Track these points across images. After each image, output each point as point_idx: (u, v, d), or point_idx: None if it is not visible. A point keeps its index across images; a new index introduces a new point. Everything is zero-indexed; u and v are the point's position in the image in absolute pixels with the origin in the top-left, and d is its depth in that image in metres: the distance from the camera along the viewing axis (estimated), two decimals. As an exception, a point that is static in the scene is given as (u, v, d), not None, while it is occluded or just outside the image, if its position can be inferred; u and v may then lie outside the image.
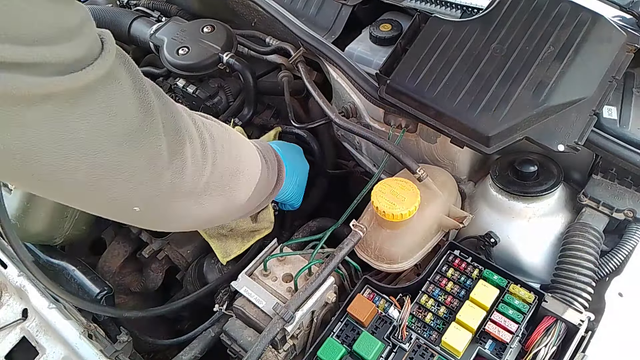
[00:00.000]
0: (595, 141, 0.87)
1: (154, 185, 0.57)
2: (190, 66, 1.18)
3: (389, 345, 0.80)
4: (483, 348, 0.78)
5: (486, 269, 0.86)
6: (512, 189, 0.93)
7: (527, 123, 0.84)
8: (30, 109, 0.44)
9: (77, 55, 0.46)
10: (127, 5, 1.52)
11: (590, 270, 0.84)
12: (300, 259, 0.96)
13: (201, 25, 1.24)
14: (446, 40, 0.93)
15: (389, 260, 0.91)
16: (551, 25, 0.90)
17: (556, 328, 0.78)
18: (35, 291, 0.98)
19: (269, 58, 1.25)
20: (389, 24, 1.14)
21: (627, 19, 1.02)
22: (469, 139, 0.87)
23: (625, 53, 0.89)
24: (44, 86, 0.43)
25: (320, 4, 1.23)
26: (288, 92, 1.20)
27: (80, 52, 0.46)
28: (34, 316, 0.98)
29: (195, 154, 0.61)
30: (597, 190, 0.92)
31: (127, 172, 0.53)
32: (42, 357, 0.93)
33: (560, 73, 0.86)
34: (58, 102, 0.45)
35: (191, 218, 0.68)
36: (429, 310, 0.83)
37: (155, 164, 0.56)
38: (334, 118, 1.04)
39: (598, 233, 0.87)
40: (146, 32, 1.31)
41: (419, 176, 0.92)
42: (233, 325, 0.91)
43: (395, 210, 0.85)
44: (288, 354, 0.88)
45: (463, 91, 0.88)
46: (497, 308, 0.80)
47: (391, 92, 0.94)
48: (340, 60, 1.06)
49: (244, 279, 0.91)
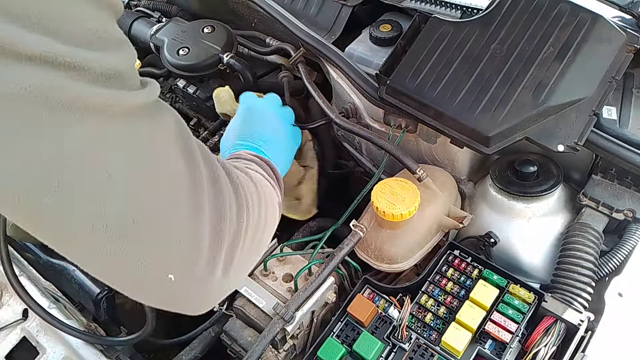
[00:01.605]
0: (595, 141, 0.87)
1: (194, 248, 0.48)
2: (191, 67, 1.18)
3: (389, 345, 0.80)
4: (483, 348, 0.78)
5: (486, 269, 0.86)
6: (512, 189, 0.93)
7: (527, 123, 0.85)
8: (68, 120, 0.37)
9: (118, 68, 0.41)
10: (128, 6, 1.52)
11: (590, 270, 0.84)
12: (300, 259, 0.96)
13: (201, 26, 1.24)
14: (446, 41, 0.93)
15: (389, 260, 0.91)
16: (551, 25, 0.90)
17: (556, 328, 0.78)
18: (36, 291, 0.98)
19: (269, 58, 1.25)
20: (389, 24, 1.14)
21: (627, 19, 1.02)
22: (468, 139, 0.87)
23: (625, 53, 0.89)
24: (82, 91, 0.38)
25: (320, 4, 1.23)
26: (288, 93, 1.20)
27: (122, 67, 0.41)
28: (34, 316, 0.98)
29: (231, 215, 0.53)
30: (596, 191, 0.92)
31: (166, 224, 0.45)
32: (42, 357, 0.93)
33: (560, 73, 0.86)
34: (97, 115, 0.39)
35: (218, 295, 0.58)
36: (429, 310, 0.83)
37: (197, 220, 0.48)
38: (334, 118, 1.04)
39: (598, 233, 0.88)
40: (146, 33, 1.31)
41: (419, 176, 0.92)
42: (233, 325, 0.91)
43: (395, 210, 0.85)
44: (288, 354, 0.88)
45: (463, 91, 0.88)
46: (496, 308, 0.80)
47: (391, 92, 0.94)
48: (340, 60, 1.06)
49: (244, 278, 0.91)
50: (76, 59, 0.37)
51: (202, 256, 0.49)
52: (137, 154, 0.43)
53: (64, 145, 0.38)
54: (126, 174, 0.42)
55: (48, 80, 0.36)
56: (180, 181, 0.46)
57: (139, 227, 0.43)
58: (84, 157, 0.39)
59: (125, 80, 0.42)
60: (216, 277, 0.51)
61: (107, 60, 0.40)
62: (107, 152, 0.40)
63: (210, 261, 0.50)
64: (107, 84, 0.40)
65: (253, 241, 0.59)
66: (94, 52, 0.39)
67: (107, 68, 0.39)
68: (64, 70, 0.37)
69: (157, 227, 0.45)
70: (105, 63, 0.39)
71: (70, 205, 0.39)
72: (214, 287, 0.53)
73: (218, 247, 0.51)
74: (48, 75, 0.36)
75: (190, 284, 0.50)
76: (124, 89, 0.41)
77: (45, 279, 1.03)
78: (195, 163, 0.48)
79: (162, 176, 0.45)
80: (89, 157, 0.39)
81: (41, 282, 1.02)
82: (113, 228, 0.41)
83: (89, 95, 0.38)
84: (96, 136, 0.39)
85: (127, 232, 0.42)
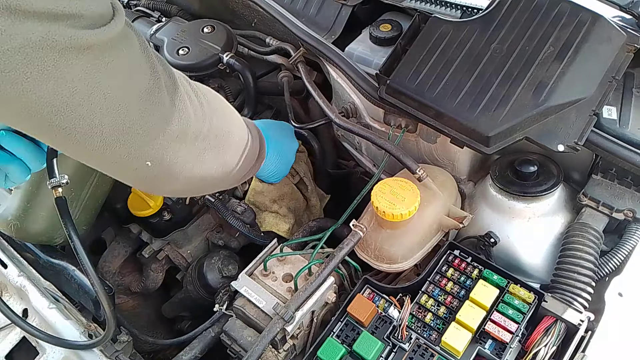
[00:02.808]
0: (595, 141, 0.87)
1: (165, 136, 0.60)
2: (191, 66, 1.18)
3: (389, 345, 0.80)
4: (483, 348, 0.78)
5: (486, 269, 0.86)
6: (512, 189, 0.93)
7: (527, 123, 0.84)
8: (67, 61, 0.46)
9: (102, 10, 0.48)
10: (128, 6, 1.52)
11: (590, 270, 0.84)
12: (300, 259, 0.96)
13: (201, 26, 1.24)
14: (446, 41, 0.93)
15: (389, 260, 0.91)
16: (551, 25, 0.90)
17: (556, 328, 0.78)
18: (36, 291, 0.98)
19: (269, 58, 1.25)
20: (389, 24, 1.14)
21: (627, 19, 1.02)
22: (469, 139, 0.87)
23: (625, 53, 0.89)
24: (80, 38, 0.45)
25: (320, 4, 1.23)
26: (288, 92, 1.20)
27: (104, 7, 0.49)
28: (34, 316, 0.98)
29: (194, 106, 0.65)
30: (596, 190, 0.92)
31: (145, 126, 0.57)
32: (42, 357, 0.93)
33: (560, 73, 0.86)
34: (92, 56, 0.48)
35: (191, 172, 0.70)
36: (429, 310, 0.83)
37: (164, 116, 0.59)
38: (334, 118, 1.04)
39: (598, 233, 0.87)
40: (146, 32, 1.31)
41: (419, 176, 0.92)
42: (233, 325, 0.91)
43: (395, 210, 0.85)
44: (288, 354, 0.88)
45: (463, 91, 0.88)
46: (497, 308, 0.80)
47: (391, 92, 0.94)
48: (340, 60, 1.06)
49: (244, 278, 0.91)
50: (72, 8, 0.45)
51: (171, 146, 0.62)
52: (122, 75, 0.52)
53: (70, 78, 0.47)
54: (115, 93, 0.52)
55: (52, 30, 0.44)
56: (152, 90, 0.56)
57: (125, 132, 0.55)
58: (86, 84, 0.49)
59: (106, 18, 0.49)
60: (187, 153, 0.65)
61: (93, 5, 0.47)
62: (101, 79, 0.50)
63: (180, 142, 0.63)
64: (94, 25, 0.48)
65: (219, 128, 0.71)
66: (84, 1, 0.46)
67: (94, 12, 0.48)
68: (63, 20, 0.44)
69: (138, 130, 0.56)
70: (92, 7, 0.47)
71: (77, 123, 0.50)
72: (187, 162, 0.67)
73: (185, 129, 0.63)
74: (52, 26, 0.43)
75: (166, 164, 0.63)
76: (105, 25, 0.49)
77: (45, 279, 1.03)
78: (157, 71, 0.58)
79: (138, 89, 0.55)
80: (90, 84, 0.49)
81: (41, 282, 1.02)
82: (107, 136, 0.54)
83: (84, 36, 0.46)
84: (92, 67, 0.49)
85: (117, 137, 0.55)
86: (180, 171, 0.67)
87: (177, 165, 0.66)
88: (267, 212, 1.16)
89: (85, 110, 0.50)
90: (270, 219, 1.16)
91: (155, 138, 0.60)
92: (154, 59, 0.58)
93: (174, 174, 0.67)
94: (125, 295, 1.23)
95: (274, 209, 1.16)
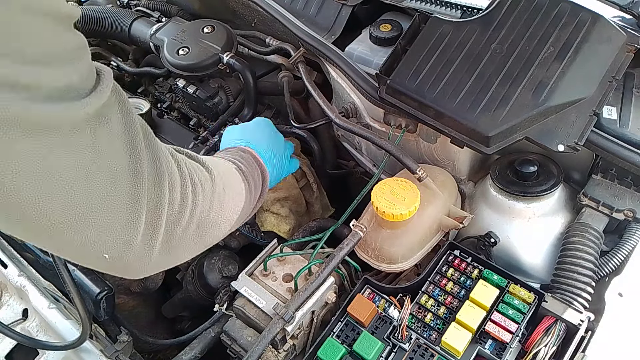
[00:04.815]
0: (595, 141, 0.87)
1: (128, 233, 0.53)
2: (191, 66, 1.18)
3: (389, 345, 0.80)
4: (483, 348, 0.78)
5: (486, 269, 0.86)
6: (512, 189, 0.93)
7: (527, 123, 0.84)
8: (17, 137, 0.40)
9: (71, 81, 0.44)
10: (128, 6, 1.52)
11: (590, 270, 0.84)
12: (300, 259, 0.96)
13: (201, 26, 1.24)
14: (446, 41, 0.93)
15: (389, 260, 0.91)
16: (551, 25, 0.90)
17: (556, 328, 0.78)
18: (36, 291, 0.98)
19: (269, 58, 1.25)
20: (389, 24, 1.14)
21: (627, 19, 1.02)
22: (469, 139, 0.87)
23: (625, 53, 0.89)
24: (36, 111, 0.40)
25: (320, 4, 1.23)
26: (288, 92, 1.20)
27: (75, 79, 0.44)
28: (34, 316, 0.98)
29: (173, 203, 0.58)
30: (597, 190, 0.92)
31: (103, 215, 0.50)
32: (42, 357, 0.93)
33: (560, 73, 0.86)
34: (48, 132, 0.42)
35: (158, 268, 0.63)
36: (429, 310, 0.83)
37: (133, 209, 0.53)
38: (334, 118, 1.04)
39: (598, 233, 0.87)
40: (146, 33, 1.31)
41: (419, 176, 0.92)
42: (233, 325, 0.91)
43: (395, 210, 0.85)
44: (288, 354, 0.88)
45: (463, 91, 0.88)
46: (497, 308, 0.80)
47: (391, 92, 0.94)
48: (340, 60, 1.06)
49: (244, 279, 0.91)
50: (33, 78, 0.40)
51: (135, 241, 0.54)
52: (82, 158, 0.46)
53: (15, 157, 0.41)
54: (70, 176, 0.46)
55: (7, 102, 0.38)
56: (121, 176, 0.51)
57: (78, 220, 0.48)
58: (36, 167, 0.43)
59: (78, 89, 0.45)
60: (153, 255, 0.57)
61: (62, 75, 0.43)
62: (55, 160, 0.44)
63: (146, 242, 0.55)
64: (62, 97, 0.43)
65: (204, 222, 0.65)
66: (50, 69, 0.41)
67: (63, 83, 0.43)
68: (22, 91, 0.39)
69: (94, 219, 0.50)
70: (60, 78, 0.42)
71: (21, 205, 0.44)
72: (152, 262, 0.58)
73: (154, 231, 0.56)
74: (7, 96, 0.38)
75: (126, 262, 0.55)
76: (76, 99, 0.44)
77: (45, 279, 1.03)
78: (139, 157, 0.52)
79: (103, 175, 0.49)
80: (41, 166, 0.43)
81: (41, 282, 1.02)
82: (56, 221, 0.47)
83: (44, 112, 0.41)
84: (47, 148, 0.43)
85: (69, 224, 0.48)
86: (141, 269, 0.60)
87: (137, 264, 0.58)
88: (268, 212, 1.16)
89: (30, 194, 0.43)
90: (271, 219, 1.16)
91: (116, 230, 0.52)
92: (139, 141, 0.52)
93: (134, 271, 0.60)
94: (125, 295, 1.23)
95: (274, 210, 1.16)
